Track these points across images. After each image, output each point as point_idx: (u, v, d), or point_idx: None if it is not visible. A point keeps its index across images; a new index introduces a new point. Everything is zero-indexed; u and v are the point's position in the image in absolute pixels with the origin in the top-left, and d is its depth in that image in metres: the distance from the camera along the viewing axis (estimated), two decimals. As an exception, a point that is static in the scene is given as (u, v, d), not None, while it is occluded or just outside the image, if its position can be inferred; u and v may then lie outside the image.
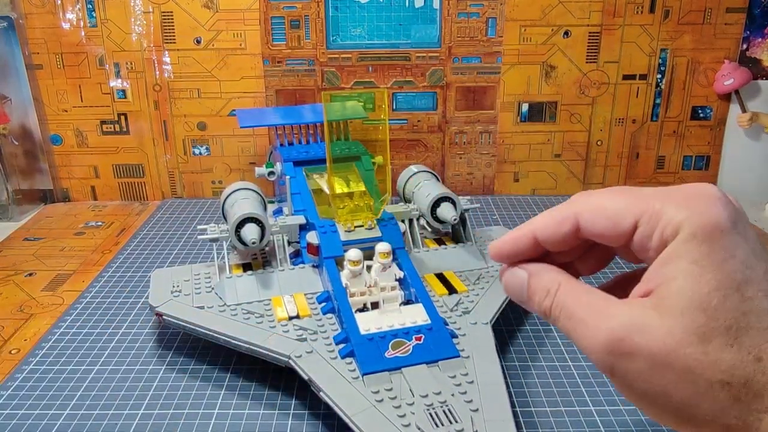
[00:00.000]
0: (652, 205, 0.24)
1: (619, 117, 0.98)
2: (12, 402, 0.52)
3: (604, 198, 0.26)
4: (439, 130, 0.98)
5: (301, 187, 0.67)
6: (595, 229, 0.26)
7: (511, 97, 0.96)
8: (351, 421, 0.41)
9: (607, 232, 0.25)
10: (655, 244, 0.24)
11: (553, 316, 0.26)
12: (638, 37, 0.93)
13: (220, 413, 0.50)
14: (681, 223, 0.23)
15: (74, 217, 0.94)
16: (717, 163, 1.00)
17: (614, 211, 0.25)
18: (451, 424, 0.41)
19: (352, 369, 0.47)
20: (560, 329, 0.26)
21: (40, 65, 0.93)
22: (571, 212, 0.26)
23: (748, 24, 0.92)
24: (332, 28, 0.92)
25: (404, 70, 0.95)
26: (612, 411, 0.50)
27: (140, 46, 0.93)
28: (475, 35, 0.93)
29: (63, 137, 0.97)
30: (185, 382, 0.54)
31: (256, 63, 0.94)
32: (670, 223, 0.23)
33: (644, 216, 0.24)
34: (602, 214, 0.25)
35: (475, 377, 0.46)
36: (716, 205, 0.23)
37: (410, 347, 0.48)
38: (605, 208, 0.25)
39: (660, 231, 0.23)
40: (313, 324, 0.52)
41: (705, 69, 0.95)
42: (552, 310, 0.26)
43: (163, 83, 0.94)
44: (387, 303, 0.53)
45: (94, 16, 0.91)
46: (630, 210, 0.24)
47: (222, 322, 0.53)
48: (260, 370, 0.55)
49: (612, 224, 0.25)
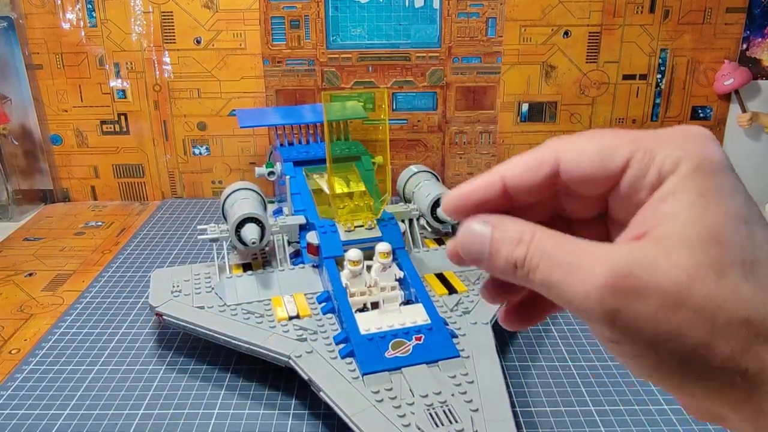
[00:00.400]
0: (645, 144, 0.21)
1: (619, 117, 0.98)
2: (12, 402, 0.52)
3: (586, 139, 0.23)
4: (439, 130, 0.98)
5: (301, 187, 0.67)
6: (580, 170, 0.22)
7: (511, 97, 0.96)
8: (351, 421, 0.41)
9: (594, 172, 0.22)
10: (651, 182, 0.21)
11: (529, 266, 0.22)
12: (638, 37, 0.93)
13: (220, 413, 0.50)
14: (681, 157, 0.21)
15: (74, 217, 0.94)
16: (717, 163, 1.00)
17: (602, 150, 0.22)
18: (451, 424, 0.41)
19: (352, 369, 0.47)
20: (535, 283, 0.22)
21: (40, 65, 0.93)
22: (550, 154, 0.23)
23: (748, 24, 0.92)
24: (332, 28, 0.92)
25: (404, 70, 0.95)
26: (612, 411, 0.50)
27: (140, 46, 0.93)
28: (475, 35, 0.93)
29: (63, 137, 0.97)
30: (185, 382, 0.54)
31: (256, 63, 0.94)
32: (668, 159, 0.21)
33: (637, 153, 0.21)
34: (587, 154, 0.22)
35: (475, 377, 0.46)
36: (712, 145, 0.21)
37: (410, 347, 0.48)
38: (590, 148, 0.22)
39: (657, 167, 0.21)
40: (313, 324, 0.52)
41: (705, 69, 0.95)
42: (528, 260, 0.22)
43: (163, 83, 0.94)
44: (387, 303, 0.53)
45: (94, 16, 0.91)
46: (620, 148, 0.22)
47: (222, 322, 0.53)
48: (260, 370, 0.55)
49: (600, 163, 0.22)
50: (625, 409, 0.50)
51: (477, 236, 0.23)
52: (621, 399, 0.51)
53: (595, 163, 0.22)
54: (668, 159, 0.21)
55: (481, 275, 0.61)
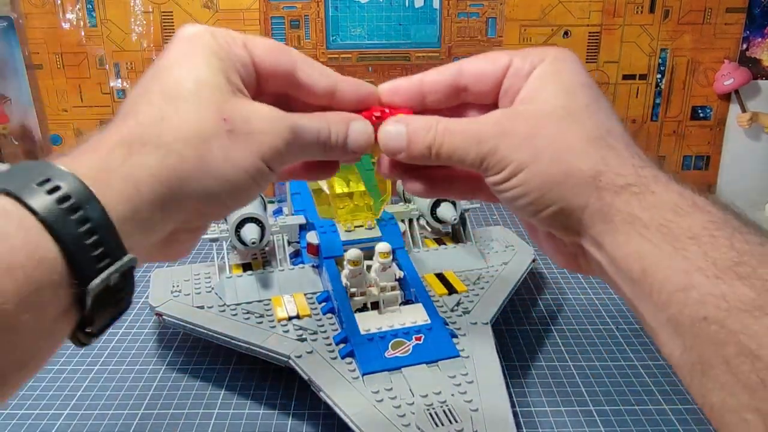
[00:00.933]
0: (522, 52, 0.30)
1: (619, 117, 0.98)
2: (12, 402, 0.52)
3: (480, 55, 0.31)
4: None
5: (301, 187, 0.67)
6: (476, 68, 0.31)
7: (511, 97, 0.96)
8: (351, 421, 0.41)
9: (486, 69, 0.30)
10: (526, 71, 0.29)
11: (439, 144, 0.29)
12: (638, 37, 0.93)
13: (220, 413, 0.50)
14: (546, 53, 0.29)
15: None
16: (717, 163, 1.00)
17: (491, 56, 0.31)
18: (451, 423, 0.41)
19: (352, 369, 0.47)
20: (443, 156, 0.29)
21: (40, 65, 0.93)
22: (455, 64, 0.31)
23: (748, 24, 0.92)
24: (332, 28, 0.92)
25: (404, 70, 0.95)
26: (612, 411, 0.50)
27: (140, 46, 0.93)
28: (475, 35, 0.93)
29: (63, 137, 0.97)
30: (185, 382, 0.54)
31: (256, 63, 0.94)
32: (538, 56, 0.29)
33: (516, 56, 0.30)
34: (481, 60, 0.31)
35: (475, 377, 0.46)
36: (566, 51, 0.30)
37: (410, 347, 0.48)
38: (483, 57, 0.31)
39: (530, 61, 0.29)
40: (313, 324, 0.52)
41: (705, 69, 0.95)
42: (437, 140, 0.29)
43: (163, 83, 0.94)
44: (387, 303, 0.53)
45: (94, 16, 0.91)
46: (504, 55, 0.30)
47: (222, 322, 0.53)
48: (260, 370, 0.55)
49: (491, 63, 0.30)
50: (625, 409, 0.50)
51: (395, 134, 0.30)
52: (621, 399, 0.51)
53: (487, 63, 0.30)
54: (537, 56, 0.29)
55: (480, 275, 0.61)
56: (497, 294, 0.57)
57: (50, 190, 0.22)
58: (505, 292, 0.58)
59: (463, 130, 0.29)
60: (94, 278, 0.22)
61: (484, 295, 0.57)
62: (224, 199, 0.27)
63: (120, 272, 0.23)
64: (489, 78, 0.31)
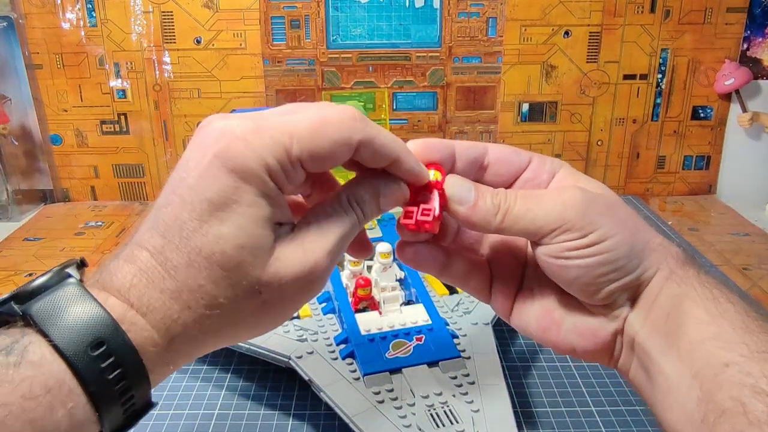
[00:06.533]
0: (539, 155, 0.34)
1: (619, 117, 0.98)
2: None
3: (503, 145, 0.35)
4: (439, 129, 0.98)
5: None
6: (501, 153, 0.33)
7: (511, 97, 0.96)
8: (352, 422, 0.41)
9: (510, 158, 0.33)
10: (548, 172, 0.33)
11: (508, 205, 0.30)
12: (639, 37, 0.93)
13: (221, 413, 0.50)
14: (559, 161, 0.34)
15: (74, 217, 0.94)
16: (717, 163, 1.00)
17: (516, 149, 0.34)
18: (452, 424, 0.41)
19: (353, 369, 0.47)
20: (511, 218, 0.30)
21: (40, 65, 0.93)
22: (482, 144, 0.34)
23: (749, 24, 0.92)
24: (332, 27, 0.92)
25: (404, 70, 0.95)
26: (613, 411, 0.50)
27: (140, 46, 0.92)
28: (476, 35, 0.93)
29: (63, 137, 0.97)
30: (185, 383, 0.54)
31: (256, 63, 0.94)
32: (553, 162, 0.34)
33: (534, 158, 0.33)
34: (506, 148, 0.34)
35: (476, 378, 0.46)
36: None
37: (411, 348, 0.48)
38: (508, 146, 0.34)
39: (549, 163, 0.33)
40: (313, 324, 0.52)
41: (705, 69, 0.95)
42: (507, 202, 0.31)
43: (163, 83, 0.94)
44: (387, 303, 0.53)
45: (94, 16, 0.91)
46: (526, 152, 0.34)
47: (222, 323, 0.53)
48: (261, 370, 0.55)
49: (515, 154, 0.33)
50: (625, 410, 0.50)
51: (465, 183, 0.31)
52: (621, 399, 0.51)
53: (512, 153, 0.33)
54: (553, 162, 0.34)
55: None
56: (498, 294, 0.57)
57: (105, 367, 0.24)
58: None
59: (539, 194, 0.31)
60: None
61: (484, 296, 0.57)
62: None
63: None
64: (512, 166, 0.33)
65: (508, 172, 0.33)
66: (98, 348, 0.23)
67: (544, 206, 0.30)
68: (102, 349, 0.24)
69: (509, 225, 0.30)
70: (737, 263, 0.76)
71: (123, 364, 0.24)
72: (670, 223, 0.88)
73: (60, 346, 0.23)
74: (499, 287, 0.35)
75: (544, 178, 0.33)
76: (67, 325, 0.24)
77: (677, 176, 1.01)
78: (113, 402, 0.24)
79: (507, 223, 0.30)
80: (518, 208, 0.30)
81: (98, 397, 0.24)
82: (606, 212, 0.30)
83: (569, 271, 0.30)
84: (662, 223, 0.88)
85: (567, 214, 0.29)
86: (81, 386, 0.23)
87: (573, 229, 0.29)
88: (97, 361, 0.23)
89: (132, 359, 0.24)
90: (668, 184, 1.01)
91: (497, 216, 0.30)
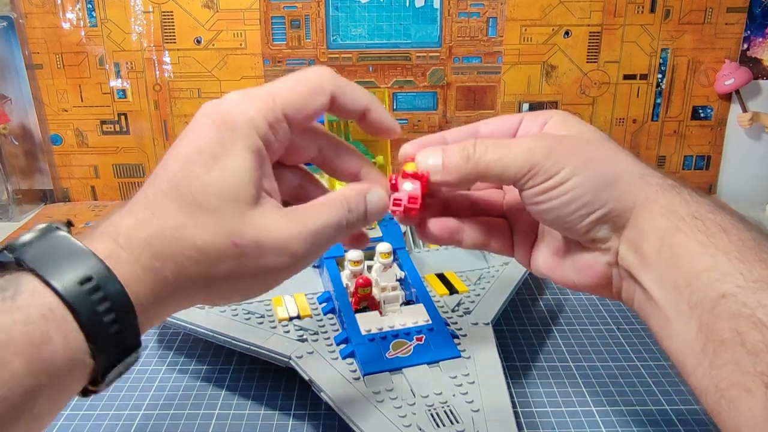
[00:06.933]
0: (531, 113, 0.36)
1: (619, 117, 0.98)
2: (12, 402, 0.52)
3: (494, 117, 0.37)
4: (439, 129, 0.98)
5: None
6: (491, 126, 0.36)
7: (511, 96, 0.96)
8: (352, 422, 0.41)
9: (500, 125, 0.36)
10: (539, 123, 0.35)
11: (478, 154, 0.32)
12: (639, 37, 0.93)
13: (221, 413, 0.50)
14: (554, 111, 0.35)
15: (74, 217, 0.94)
16: (717, 163, 1.00)
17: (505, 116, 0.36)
18: (452, 424, 0.41)
19: (353, 369, 0.47)
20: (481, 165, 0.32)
21: (40, 65, 0.93)
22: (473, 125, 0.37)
23: (749, 24, 0.92)
24: (332, 27, 0.92)
25: (404, 70, 0.95)
26: (613, 411, 0.50)
27: (140, 46, 0.92)
28: (476, 35, 0.93)
29: (63, 137, 0.97)
30: (185, 383, 0.54)
31: (256, 63, 0.94)
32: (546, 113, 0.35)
33: (527, 116, 0.35)
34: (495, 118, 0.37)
35: (476, 377, 0.46)
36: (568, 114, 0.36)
37: (411, 347, 0.48)
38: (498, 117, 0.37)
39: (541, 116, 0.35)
40: (313, 324, 0.52)
41: (706, 69, 0.95)
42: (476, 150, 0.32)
43: (163, 83, 0.94)
44: (388, 303, 0.53)
45: (94, 16, 0.91)
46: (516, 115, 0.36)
47: (222, 323, 0.53)
48: (261, 370, 0.55)
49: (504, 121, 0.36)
50: (626, 410, 0.50)
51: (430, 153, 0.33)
52: (622, 399, 0.51)
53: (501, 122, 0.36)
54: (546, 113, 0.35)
55: (481, 275, 0.61)
56: (498, 294, 0.57)
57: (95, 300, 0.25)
58: (506, 293, 0.58)
59: (508, 143, 0.33)
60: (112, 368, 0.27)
61: (485, 296, 0.57)
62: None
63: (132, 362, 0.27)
64: (504, 133, 0.36)
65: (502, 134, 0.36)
66: (87, 282, 0.25)
67: (512, 153, 0.32)
68: (91, 284, 0.25)
69: (483, 172, 0.32)
70: (737, 263, 0.76)
71: (110, 298, 0.25)
72: (670, 223, 0.88)
73: (50, 281, 0.25)
74: (519, 241, 0.38)
75: (535, 131, 0.35)
76: (57, 263, 0.25)
77: (677, 176, 1.00)
78: (104, 333, 0.25)
79: (481, 170, 0.32)
80: (489, 157, 0.32)
81: (89, 327, 0.25)
82: (572, 152, 0.32)
83: (547, 213, 0.32)
84: (662, 223, 0.88)
85: (533, 157, 0.31)
86: (72, 315, 0.25)
87: (540, 172, 0.31)
88: (87, 295, 0.25)
89: (119, 294, 0.26)
90: (668, 184, 1.01)
91: (469, 165, 0.32)
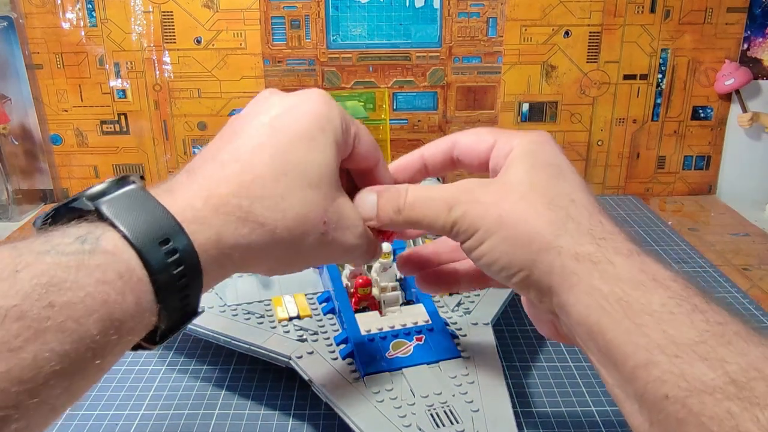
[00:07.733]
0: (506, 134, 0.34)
1: (619, 117, 0.98)
2: (12, 402, 0.52)
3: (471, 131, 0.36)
4: (439, 129, 0.98)
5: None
6: (466, 144, 0.35)
7: (511, 97, 0.96)
8: (352, 422, 0.41)
9: (474, 146, 0.35)
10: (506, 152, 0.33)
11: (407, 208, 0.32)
12: (639, 37, 0.93)
13: (221, 413, 0.50)
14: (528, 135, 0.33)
15: (74, 217, 0.94)
16: (717, 163, 1.00)
17: (482, 133, 0.35)
18: (452, 424, 0.41)
19: (353, 369, 0.47)
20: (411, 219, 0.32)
21: (40, 65, 0.93)
22: (450, 137, 0.36)
23: (749, 24, 0.92)
24: (332, 27, 0.92)
25: (404, 70, 0.95)
26: (613, 411, 0.50)
27: (140, 46, 0.92)
28: (476, 35, 0.93)
29: (63, 137, 0.97)
30: (185, 383, 0.54)
31: (256, 63, 0.94)
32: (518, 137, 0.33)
33: (502, 136, 0.34)
34: (472, 134, 0.35)
35: (476, 377, 0.46)
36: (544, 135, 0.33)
37: (411, 348, 0.48)
38: (473, 134, 0.35)
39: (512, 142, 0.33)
40: (313, 324, 0.52)
41: (706, 69, 0.95)
42: (406, 204, 0.32)
43: (163, 83, 0.94)
44: (387, 303, 0.53)
45: (94, 15, 0.91)
46: (491, 134, 0.35)
47: (222, 323, 0.53)
48: (261, 370, 0.55)
49: (479, 141, 0.35)
50: (626, 410, 0.50)
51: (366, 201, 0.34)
52: (622, 399, 0.51)
53: (477, 141, 0.35)
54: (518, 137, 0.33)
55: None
56: (498, 294, 0.57)
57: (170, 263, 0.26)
58: (506, 293, 0.58)
59: (432, 196, 0.32)
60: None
61: (485, 296, 0.57)
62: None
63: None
64: (477, 155, 0.35)
65: (476, 160, 0.35)
66: (165, 244, 0.25)
67: (436, 209, 0.32)
68: (169, 245, 0.25)
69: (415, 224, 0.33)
70: (737, 263, 0.76)
71: (185, 262, 0.26)
72: (670, 223, 0.88)
73: (130, 238, 0.25)
74: None
75: (501, 163, 0.33)
76: (137, 220, 0.25)
77: (677, 176, 1.01)
78: (174, 296, 0.26)
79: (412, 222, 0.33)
80: (416, 212, 0.32)
81: (163, 289, 0.25)
82: (485, 211, 0.30)
83: (482, 268, 0.32)
84: (662, 223, 0.88)
85: (453, 216, 0.31)
86: (149, 276, 0.25)
87: (460, 232, 0.31)
88: (165, 256, 0.25)
89: (192, 258, 0.26)
90: (668, 184, 1.01)
91: (400, 217, 0.33)
